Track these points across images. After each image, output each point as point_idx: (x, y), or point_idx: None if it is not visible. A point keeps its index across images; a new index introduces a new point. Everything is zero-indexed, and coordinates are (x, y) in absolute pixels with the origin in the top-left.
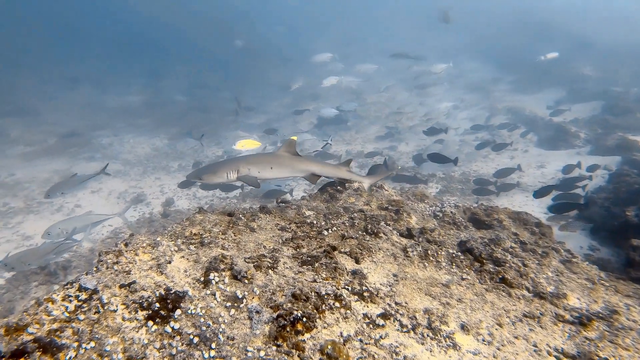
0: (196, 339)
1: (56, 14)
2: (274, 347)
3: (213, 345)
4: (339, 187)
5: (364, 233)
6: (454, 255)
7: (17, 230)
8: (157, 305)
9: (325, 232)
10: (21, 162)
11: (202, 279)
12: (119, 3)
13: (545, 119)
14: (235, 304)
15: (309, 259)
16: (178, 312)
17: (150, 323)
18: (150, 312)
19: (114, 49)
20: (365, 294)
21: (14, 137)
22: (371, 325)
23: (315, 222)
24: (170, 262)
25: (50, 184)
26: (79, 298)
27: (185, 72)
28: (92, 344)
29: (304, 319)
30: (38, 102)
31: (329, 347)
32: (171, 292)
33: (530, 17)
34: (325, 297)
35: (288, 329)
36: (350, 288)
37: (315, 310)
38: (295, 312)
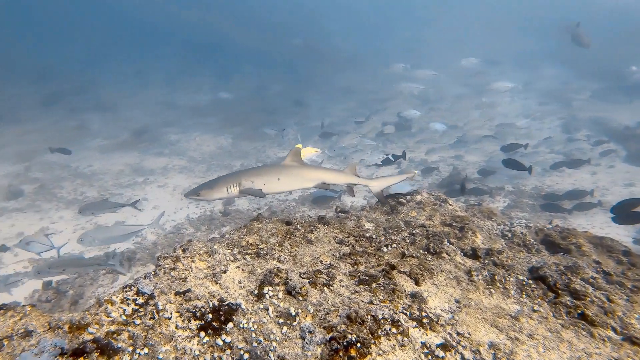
0: (246, 355)
1: (135, 18)
2: None
3: None
4: (401, 199)
5: (426, 252)
6: (524, 282)
7: (91, 219)
8: (210, 316)
9: (385, 249)
10: (98, 154)
11: (255, 292)
12: (191, 8)
13: (637, 131)
14: (288, 322)
15: (367, 278)
16: (230, 325)
17: (203, 334)
18: (203, 322)
19: (186, 50)
20: (425, 320)
21: (94, 131)
22: (430, 356)
23: (374, 236)
24: (225, 272)
25: (121, 176)
26: (136, 302)
27: (253, 74)
28: (146, 350)
29: (358, 344)
30: (116, 98)
31: None
32: (224, 303)
33: (625, 18)
34: (382, 321)
35: (341, 354)
36: (408, 313)
37: (370, 335)
38: (349, 336)
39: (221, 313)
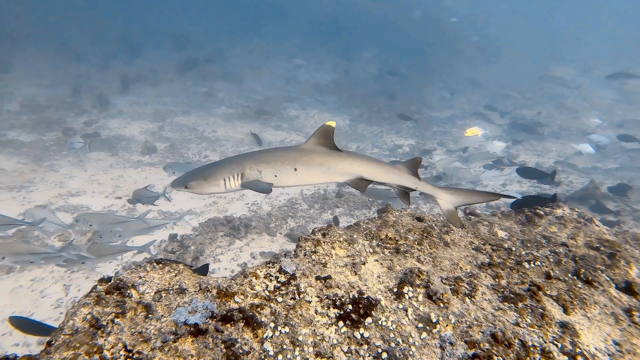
0: (384, 355)
1: None
2: None
3: None
4: (538, 210)
5: (574, 277)
6: None
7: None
8: (350, 307)
9: (527, 265)
10: (223, 121)
11: (395, 290)
12: None
13: None
14: (427, 327)
15: (512, 295)
16: (369, 319)
17: (341, 323)
18: (342, 312)
19: (312, 29)
20: (579, 358)
21: (220, 98)
22: None
23: (514, 248)
24: (364, 264)
25: (241, 145)
26: (279, 280)
27: (376, 57)
28: (287, 329)
29: None
30: (242, 70)
31: None
32: (364, 296)
33: None
34: (532, 348)
35: None
36: (559, 344)
37: None
38: (494, 358)
39: (360, 306)
